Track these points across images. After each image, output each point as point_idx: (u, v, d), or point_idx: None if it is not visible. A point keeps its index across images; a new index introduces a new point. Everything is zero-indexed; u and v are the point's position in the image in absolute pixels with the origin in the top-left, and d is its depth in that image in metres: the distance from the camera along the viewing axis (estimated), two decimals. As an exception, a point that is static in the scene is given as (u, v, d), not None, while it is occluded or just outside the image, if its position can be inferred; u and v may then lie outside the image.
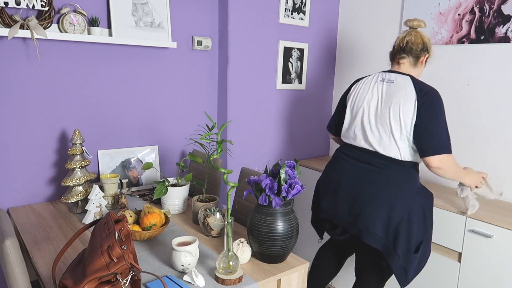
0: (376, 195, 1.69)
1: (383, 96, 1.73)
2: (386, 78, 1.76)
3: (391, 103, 1.69)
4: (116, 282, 1.14)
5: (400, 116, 1.66)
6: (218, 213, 1.64)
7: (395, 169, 1.72)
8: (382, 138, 1.72)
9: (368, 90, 1.80)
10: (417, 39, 1.76)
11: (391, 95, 1.71)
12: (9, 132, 1.93)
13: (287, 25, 2.71)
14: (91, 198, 1.76)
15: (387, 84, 1.74)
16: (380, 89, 1.75)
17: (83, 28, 1.96)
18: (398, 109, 1.66)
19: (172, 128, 2.46)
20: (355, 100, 1.84)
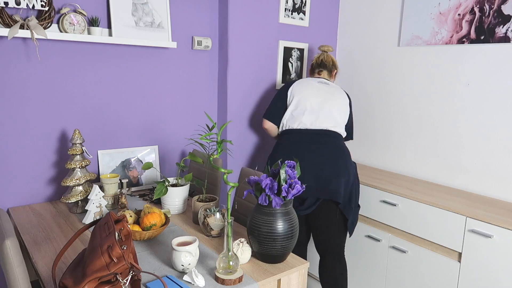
0: (336, 164, 2.09)
1: (326, 92, 2.24)
2: (323, 81, 2.30)
3: (335, 98, 2.23)
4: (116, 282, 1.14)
5: (342, 108, 2.23)
6: (218, 213, 1.64)
7: (342, 143, 2.20)
8: (333, 120, 2.19)
9: (311, 85, 2.25)
10: (328, 58, 2.39)
11: (332, 92, 2.25)
12: (9, 132, 1.93)
13: (287, 25, 2.71)
14: (91, 198, 1.76)
15: (325, 84, 2.28)
16: (322, 87, 2.26)
17: (83, 28, 1.96)
18: (340, 103, 2.23)
19: (172, 128, 2.46)
20: (302, 93, 2.22)
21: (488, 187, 2.24)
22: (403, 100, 2.62)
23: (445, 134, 2.41)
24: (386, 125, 2.74)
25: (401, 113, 2.64)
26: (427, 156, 2.51)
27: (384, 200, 2.28)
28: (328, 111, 2.19)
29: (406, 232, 2.20)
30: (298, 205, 2.14)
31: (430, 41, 2.43)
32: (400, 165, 2.68)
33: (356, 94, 2.92)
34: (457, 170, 2.37)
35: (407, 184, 2.38)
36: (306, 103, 2.20)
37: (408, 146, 2.61)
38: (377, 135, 2.80)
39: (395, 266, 2.25)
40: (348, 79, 2.98)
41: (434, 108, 2.45)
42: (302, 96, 2.22)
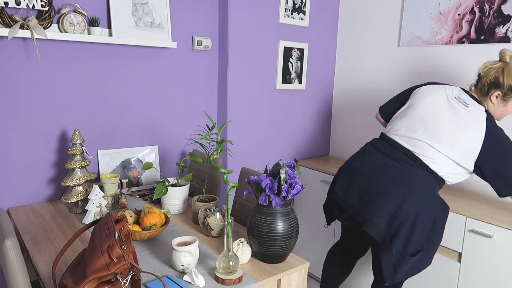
0: (388, 189, 1.63)
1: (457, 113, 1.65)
2: (463, 99, 1.68)
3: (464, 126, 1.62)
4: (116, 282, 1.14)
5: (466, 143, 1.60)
6: (218, 213, 1.64)
7: (419, 171, 1.65)
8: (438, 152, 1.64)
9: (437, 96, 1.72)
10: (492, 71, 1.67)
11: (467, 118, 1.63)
12: (9, 132, 1.93)
13: (287, 25, 2.71)
14: (91, 198, 1.76)
15: (460, 103, 1.67)
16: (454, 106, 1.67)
17: (83, 28, 1.96)
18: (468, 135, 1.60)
19: (172, 128, 2.46)
20: (420, 99, 1.75)
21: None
22: (403, 100, 2.62)
23: (445, 134, 2.41)
24: (386, 125, 2.74)
25: (401, 113, 2.64)
26: (427, 156, 2.51)
27: (384, 200, 2.28)
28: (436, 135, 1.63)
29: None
30: (338, 213, 1.86)
31: (430, 41, 2.43)
32: (400, 165, 2.67)
33: (356, 94, 2.92)
34: (457, 170, 2.37)
35: (407, 184, 2.38)
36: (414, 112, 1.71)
37: (408, 146, 2.61)
38: (377, 135, 2.81)
39: (395, 266, 2.25)
40: (349, 79, 2.98)
41: (434, 108, 2.45)
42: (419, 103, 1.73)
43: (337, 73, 3.06)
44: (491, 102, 1.68)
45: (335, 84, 3.09)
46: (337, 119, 3.09)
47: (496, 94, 1.65)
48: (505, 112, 1.69)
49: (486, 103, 1.69)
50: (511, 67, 1.64)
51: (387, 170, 1.68)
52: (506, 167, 1.58)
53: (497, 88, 1.64)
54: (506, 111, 1.69)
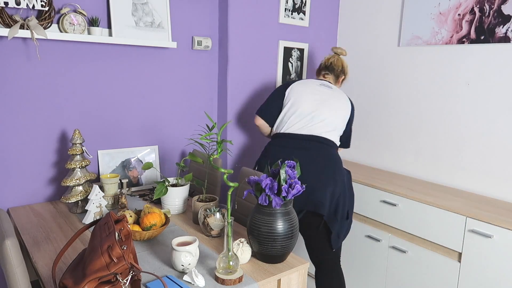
0: (322, 173, 1.96)
1: (326, 95, 2.11)
2: (325, 84, 2.16)
3: (334, 103, 2.10)
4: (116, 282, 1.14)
5: (340, 114, 2.10)
6: (218, 213, 1.64)
7: (333, 151, 2.06)
8: (327, 125, 2.06)
9: (310, 88, 2.13)
10: (338, 62, 2.24)
11: (333, 96, 2.12)
12: (9, 132, 1.93)
13: (287, 25, 2.71)
14: (91, 198, 1.76)
15: (327, 88, 2.15)
16: (322, 90, 2.13)
17: (83, 28, 1.96)
18: (339, 109, 2.10)
19: (172, 128, 2.46)
20: (297, 94, 2.11)
21: (488, 187, 2.24)
22: (403, 100, 2.62)
23: (445, 134, 2.41)
24: (386, 125, 2.74)
25: (401, 113, 2.64)
26: (427, 156, 2.51)
27: (384, 200, 2.28)
28: (323, 115, 2.06)
29: (406, 232, 2.20)
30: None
31: (430, 41, 2.43)
32: (400, 165, 2.67)
33: (356, 94, 2.92)
34: (457, 170, 2.37)
35: (407, 184, 2.38)
36: (300, 105, 2.08)
37: (408, 146, 2.61)
38: (377, 135, 2.81)
39: (395, 266, 2.25)
40: (349, 79, 2.97)
41: (434, 108, 2.45)
42: (298, 97, 2.10)
43: (337, 73, 3.06)
44: (339, 85, 2.30)
45: (335, 84, 3.08)
46: (337, 119, 3.08)
47: (342, 78, 2.29)
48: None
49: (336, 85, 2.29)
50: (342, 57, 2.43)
51: (306, 161, 1.99)
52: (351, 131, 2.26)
53: (343, 74, 2.27)
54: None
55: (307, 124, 2.05)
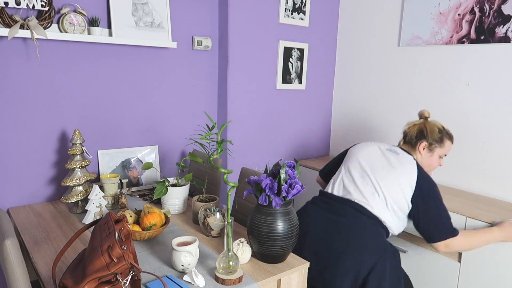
0: (343, 250, 1.59)
1: (389, 160, 1.75)
2: (393, 149, 1.81)
3: (396, 169, 1.69)
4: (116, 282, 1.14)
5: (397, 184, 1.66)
6: (218, 213, 1.64)
7: (365, 221, 1.65)
8: (373, 194, 1.69)
9: (373, 150, 1.82)
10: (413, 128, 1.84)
11: (397, 162, 1.72)
12: (9, 132, 1.93)
13: (287, 25, 2.71)
14: (91, 198, 1.76)
15: (392, 153, 1.78)
16: (386, 155, 1.78)
17: (83, 28, 1.96)
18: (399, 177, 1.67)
19: (172, 128, 2.46)
20: (356, 154, 1.84)
21: (488, 187, 2.24)
22: (403, 100, 2.62)
23: (445, 134, 2.41)
24: (386, 125, 2.74)
25: (401, 113, 2.64)
26: (427, 156, 2.51)
27: (384, 200, 2.28)
28: (374, 181, 1.69)
29: (406, 232, 2.20)
30: None
31: (430, 41, 2.43)
32: (400, 165, 2.67)
33: (356, 94, 2.92)
34: (457, 170, 2.37)
35: (407, 184, 2.38)
36: (352, 166, 1.79)
37: (408, 146, 2.61)
38: (377, 135, 2.80)
39: (395, 266, 2.25)
40: (349, 79, 2.98)
41: (434, 108, 2.45)
42: (354, 157, 1.82)
43: (337, 73, 3.06)
44: (419, 153, 1.81)
45: (335, 84, 3.09)
46: (337, 119, 3.09)
47: (424, 144, 1.79)
48: (432, 163, 1.82)
49: (415, 155, 1.82)
50: (430, 121, 1.82)
51: (335, 229, 1.66)
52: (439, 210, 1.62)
53: (423, 139, 1.79)
54: (432, 162, 1.81)
55: (351, 187, 1.74)
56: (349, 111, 2.99)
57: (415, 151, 1.81)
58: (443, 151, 1.80)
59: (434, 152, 1.79)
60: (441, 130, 1.80)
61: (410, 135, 1.82)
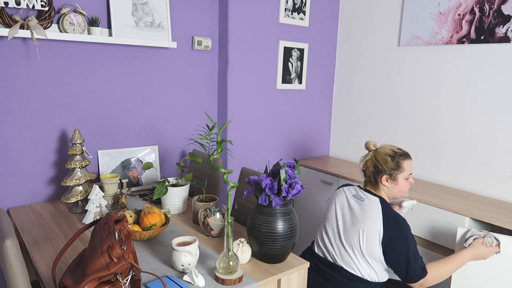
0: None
1: (355, 211, 1.70)
2: (358, 196, 1.74)
3: (363, 220, 1.65)
4: (116, 282, 1.14)
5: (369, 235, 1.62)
6: (218, 213, 1.64)
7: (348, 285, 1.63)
8: (353, 254, 1.65)
9: (342, 201, 1.77)
10: (368, 162, 1.75)
11: (363, 211, 1.68)
12: (9, 132, 1.93)
13: (287, 25, 2.71)
14: (91, 198, 1.76)
15: (358, 200, 1.73)
16: (352, 205, 1.73)
17: (83, 28, 1.96)
18: (368, 228, 1.63)
19: (172, 128, 2.46)
20: (331, 208, 1.79)
21: (488, 187, 2.24)
22: (403, 100, 2.62)
23: (445, 133, 2.41)
24: (386, 125, 2.74)
25: (401, 113, 2.64)
26: (427, 156, 2.51)
27: (384, 200, 2.28)
28: (349, 239, 1.66)
29: (406, 232, 2.20)
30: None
31: (430, 41, 2.43)
32: (400, 165, 2.67)
33: (356, 94, 2.92)
34: (457, 170, 2.37)
35: (407, 184, 2.38)
36: (328, 223, 1.77)
37: (408, 146, 2.61)
38: (377, 135, 2.80)
39: (395, 266, 2.25)
40: (349, 79, 2.98)
41: (434, 108, 2.45)
42: (330, 213, 1.78)
43: (337, 73, 3.06)
44: (384, 186, 1.72)
45: (335, 84, 3.09)
46: (337, 119, 3.09)
47: (384, 177, 1.70)
48: (401, 189, 1.73)
49: (382, 190, 1.73)
50: (379, 152, 1.73)
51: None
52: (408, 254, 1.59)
53: (381, 173, 1.70)
54: (401, 188, 1.72)
55: (332, 250, 1.72)
56: (349, 111, 2.99)
57: (379, 187, 1.73)
58: (406, 172, 1.70)
59: (397, 179, 1.70)
60: (393, 156, 1.69)
61: (368, 174, 1.74)
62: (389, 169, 1.68)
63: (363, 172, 1.78)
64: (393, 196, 1.75)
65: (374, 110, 2.80)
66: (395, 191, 1.72)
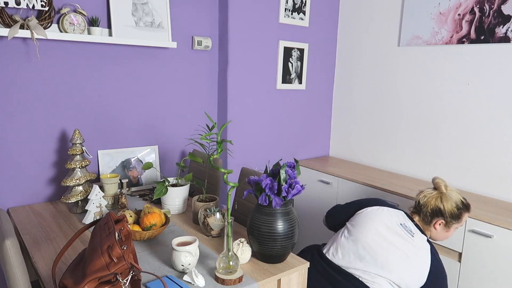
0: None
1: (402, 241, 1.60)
2: (408, 227, 1.65)
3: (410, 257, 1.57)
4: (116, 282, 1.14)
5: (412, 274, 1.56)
6: (218, 213, 1.64)
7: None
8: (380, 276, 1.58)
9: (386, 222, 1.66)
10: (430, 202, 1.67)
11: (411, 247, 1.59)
12: (9, 132, 1.93)
13: (287, 25, 2.71)
14: (91, 198, 1.76)
15: (407, 233, 1.63)
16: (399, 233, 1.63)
17: (83, 28, 1.96)
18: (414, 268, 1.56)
19: (172, 128, 2.46)
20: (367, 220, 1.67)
21: (488, 187, 2.25)
22: (403, 100, 2.62)
23: (445, 134, 2.41)
24: (386, 125, 2.74)
25: (401, 113, 2.64)
26: (427, 156, 2.51)
27: (384, 200, 2.28)
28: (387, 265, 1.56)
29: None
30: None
31: (430, 41, 2.43)
32: (400, 165, 2.67)
33: (356, 94, 2.92)
34: (457, 170, 2.37)
35: (407, 184, 2.38)
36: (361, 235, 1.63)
37: (408, 146, 2.61)
38: (377, 135, 2.81)
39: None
40: (349, 79, 2.98)
41: (434, 108, 2.45)
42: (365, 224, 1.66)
43: (337, 73, 3.06)
44: (434, 229, 1.69)
45: (335, 84, 3.09)
46: (337, 119, 3.09)
47: (440, 222, 1.66)
48: (447, 236, 1.71)
49: (429, 231, 1.71)
50: (447, 196, 1.66)
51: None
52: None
53: (439, 217, 1.65)
54: (448, 235, 1.71)
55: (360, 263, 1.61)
56: (349, 111, 2.99)
57: (429, 227, 1.69)
58: (460, 224, 1.67)
59: (451, 227, 1.67)
60: (459, 206, 1.64)
61: (425, 211, 1.67)
62: (450, 217, 1.64)
63: (418, 205, 1.70)
64: (435, 239, 1.72)
65: (374, 110, 2.80)
66: (441, 236, 1.70)
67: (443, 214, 1.64)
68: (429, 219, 1.67)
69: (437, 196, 1.67)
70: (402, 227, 1.64)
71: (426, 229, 1.71)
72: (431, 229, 1.70)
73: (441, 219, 1.65)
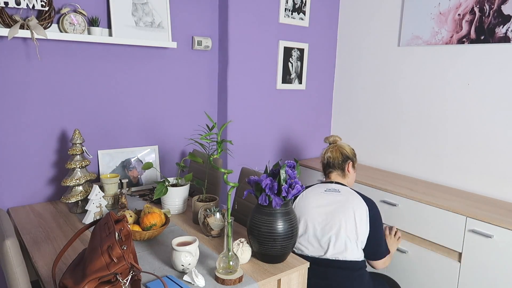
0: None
1: (335, 203, 1.76)
2: (332, 188, 1.82)
3: (347, 210, 1.73)
4: (116, 282, 1.14)
5: (355, 224, 1.71)
6: (218, 213, 1.64)
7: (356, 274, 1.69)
8: (342, 244, 1.70)
9: (315, 199, 1.79)
10: (335, 153, 1.89)
11: (344, 202, 1.75)
12: (9, 132, 1.93)
13: (287, 25, 2.71)
14: (91, 198, 1.76)
15: (334, 193, 1.80)
16: (329, 198, 1.78)
17: (83, 28, 1.96)
18: (353, 218, 1.72)
19: (172, 128, 2.46)
20: (303, 210, 1.79)
21: (488, 187, 2.24)
22: (403, 100, 2.62)
23: (445, 134, 2.41)
24: (386, 125, 2.74)
25: (401, 113, 2.64)
26: (427, 156, 2.51)
27: (384, 200, 2.28)
28: (335, 233, 1.70)
29: (406, 232, 2.20)
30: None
31: (430, 41, 2.43)
32: (400, 165, 2.68)
33: (356, 94, 2.92)
34: (457, 170, 2.37)
35: (407, 184, 2.38)
36: (308, 223, 1.75)
37: (408, 146, 2.61)
38: (377, 135, 2.81)
39: (395, 266, 2.25)
40: (349, 79, 2.98)
41: (434, 108, 2.45)
42: (305, 214, 1.77)
43: (337, 73, 3.06)
44: (348, 172, 1.90)
45: (335, 84, 3.09)
46: (337, 119, 3.09)
47: (349, 164, 1.89)
48: (354, 177, 1.96)
49: (346, 178, 1.90)
50: (341, 144, 1.94)
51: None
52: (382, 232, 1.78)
53: (347, 160, 1.89)
54: (354, 176, 1.96)
55: (320, 248, 1.73)
56: (349, 111, 2.99)
57: (344, 175, 1.89)
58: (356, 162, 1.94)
59: (355, 167, 1.93)
60: (351, 148, 1.94)
61: (336, 163, 1.88)
62: (353, 156, 1.92)
63: (328, 164, 1.90)
64: (351, 183, 1.94)
65: (374, 110, 2.80)
66: (351, 179, 1.93)
67: (349, 157, 1.90)
68: (342, 166, 1.89)
69: (336, 147, 1.92)
70: (328, 191, 1.82)
71: (343, 180, 1.90)
72: (346, 176, 1.90)
73: (349, 161, 1.90)
